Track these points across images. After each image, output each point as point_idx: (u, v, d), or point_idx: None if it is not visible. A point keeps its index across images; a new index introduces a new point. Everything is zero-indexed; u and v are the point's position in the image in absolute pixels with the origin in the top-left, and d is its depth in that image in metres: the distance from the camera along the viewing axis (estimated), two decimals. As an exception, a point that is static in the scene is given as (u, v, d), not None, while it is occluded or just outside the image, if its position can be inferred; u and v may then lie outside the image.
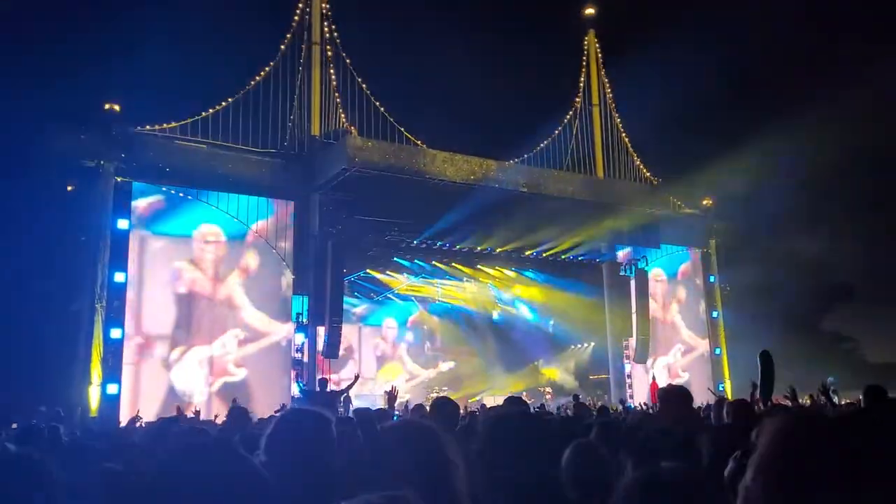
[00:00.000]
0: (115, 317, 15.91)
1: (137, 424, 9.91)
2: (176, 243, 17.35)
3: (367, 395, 20.28)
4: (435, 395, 20.44)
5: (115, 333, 15.85)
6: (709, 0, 22.61)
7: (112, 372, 15.61)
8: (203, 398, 16.56)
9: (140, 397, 15.85)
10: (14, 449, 1.93)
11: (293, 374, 17.66)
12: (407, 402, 16.72)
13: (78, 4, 17.75)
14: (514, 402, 6.01)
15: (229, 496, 1.54)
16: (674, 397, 5.73)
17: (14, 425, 7.97)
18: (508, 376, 25.11)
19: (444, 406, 4.83)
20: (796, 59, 21.80)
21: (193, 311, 17.23)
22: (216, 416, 11.95)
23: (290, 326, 18.06)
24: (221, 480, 1.55)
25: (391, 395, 9.54)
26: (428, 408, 5.92)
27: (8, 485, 1.72)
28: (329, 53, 19.72)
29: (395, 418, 6.51)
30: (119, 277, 16.10)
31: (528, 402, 10.75)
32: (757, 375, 7.54)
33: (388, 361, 24.89)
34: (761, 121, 20.07)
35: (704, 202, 25.36)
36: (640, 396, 21.44)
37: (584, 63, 24.97)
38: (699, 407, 9.57)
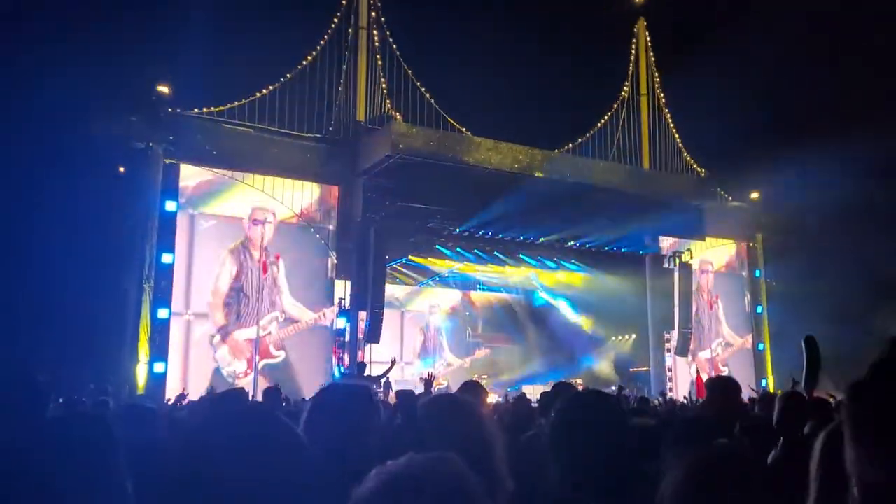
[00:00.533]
0: (163, 297, 16.25)
1: (185, 402, 10.09)
2: (226, 223, 17.58)
3: (406, 381, 20.39)
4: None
5: (163, 313, 16.19)
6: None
7: (159, 351, 15.95)
8: (248, 379, 16.82)
9: (188, 376, 16.19)
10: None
11: (334, 358, 17.83)
12: (446, 387, 16.78)
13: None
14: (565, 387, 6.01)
15: (269, 460, 1.54)
16: (722, 388, 5.63)
17: (60, 400, 8.16)
18: (547, 366, 24.99)
19: (471, 389, 4.85)
20: (857, 51, 21.12)
21: (240, 293, 17.49)
22: (252, 398, 12.11)
23: (333, 310, 18.22)
24: (261, 443, 1.55)
25: (427, 381, 9.62)
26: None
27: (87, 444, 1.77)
28: (376, 38, 19.74)
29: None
30: (167, 258, 16.43)
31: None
32: (799, 369, 7.35)
33: (429, 347, 24.97)
34: (814, 113, 19.53)
35: (752, 195, 24.84)
36: (681, 390, 21.17)
37: (634, 51, 24.60)
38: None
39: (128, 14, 17.38)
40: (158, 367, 15.79)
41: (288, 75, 18.45)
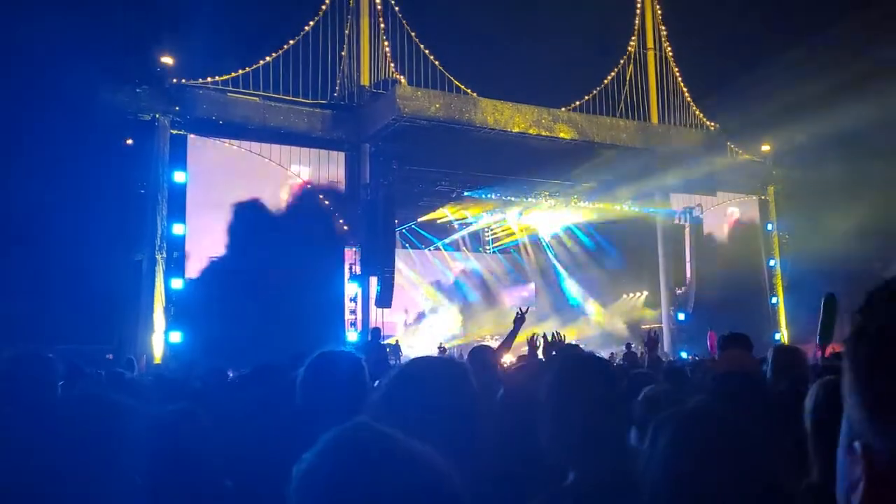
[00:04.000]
0: (176, 267, 16.39)
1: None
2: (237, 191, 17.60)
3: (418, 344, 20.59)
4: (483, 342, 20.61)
5: (176, 283, 16.34)
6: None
7: (174, 321, 16.14)
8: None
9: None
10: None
11: (347, 323, 17.99)
12: (458, 349, 16.93)
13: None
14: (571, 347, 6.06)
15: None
16: (733, 344, 5.67)
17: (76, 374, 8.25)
18: (557, 322, 25.13)
19: (479, 353, 4.90)
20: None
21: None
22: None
23: (345, 276, 18.31)
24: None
25: (442, 350, 9.76)
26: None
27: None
28: (378, 1, 19.49)
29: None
30: (178, 229, 16.54)
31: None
32: (814, 323, 7.35)
33: (439, 310, 25.13)
34: (827, 65, 19.17)
35: (763, 148, 24.57)
36: (693, 348, 21.24)
37: (640, 4, 24.16)
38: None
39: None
40: (174, 337, 15.98)
41: (291, 41, 18.30)
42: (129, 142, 17.18)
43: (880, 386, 0.69)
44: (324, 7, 19.00)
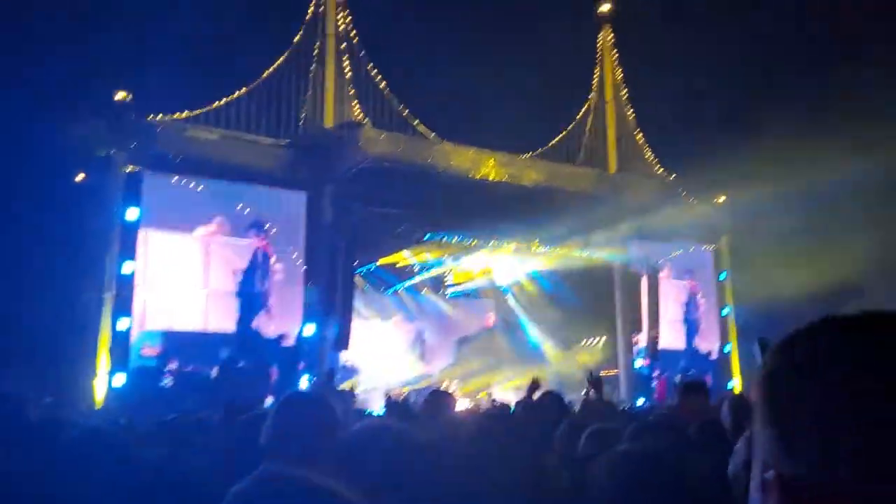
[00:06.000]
0: (123, 308, 15.81)
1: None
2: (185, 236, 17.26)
3: (372, 390, 20.22)
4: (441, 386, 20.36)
5: (123, 324, 15.72)
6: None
7: (118, 363, 15.52)
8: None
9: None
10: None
11: (301, 365, 17.59)
12: (407, 396, 16.64)
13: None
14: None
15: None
16: (692, 392, 5.64)
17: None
18: (516, 370, 25.00)
19: (434, 398, 4.95)
20: (819, 60, 21.51)
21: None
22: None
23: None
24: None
25: (389, 398, 9.71)
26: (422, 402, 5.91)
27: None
28: (344, 45, 19.60)
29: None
30: (127, 268, 16.02)
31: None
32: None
33: (398, 353, 24.80)
34: (779, 119, 19.81)
35: (718, 199, 25.12)
36: (650, 395, 21.32)
37: (599, 58, 24.77)
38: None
39: (89, 17, 17.06)
40: (117, 381, 15.32)
41: (255, 81, 18.22)
42: (81, 178, 16.75)
43: (788, 416, 0.78)
44: (290, 47, 19.03)
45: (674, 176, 24.13)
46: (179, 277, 16.93)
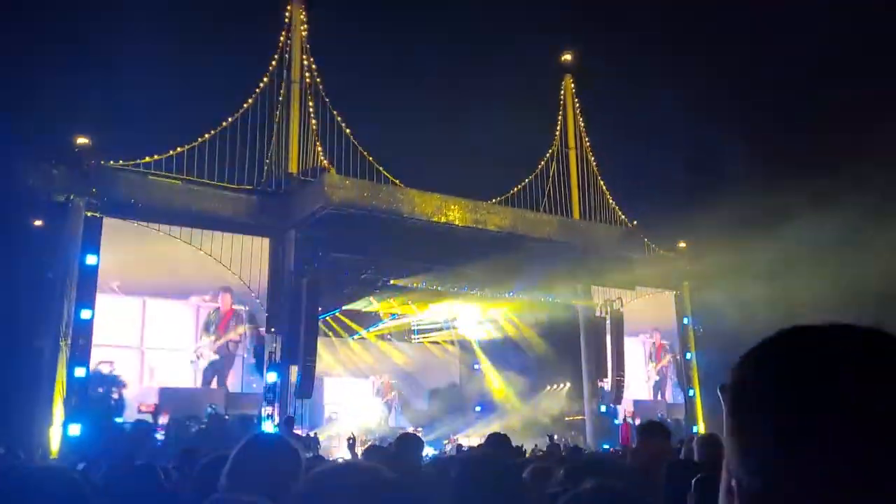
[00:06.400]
0: (81, 355, 15.45)
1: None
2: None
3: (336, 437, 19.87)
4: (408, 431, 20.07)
5: (80, 372, 15.34)
6: (687, 45, 23.14)
7: (75, 412, 15.09)
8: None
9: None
10: None
11: (265, 413, 17.25)
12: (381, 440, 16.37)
13: (52, 38, 17.65)
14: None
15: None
16: (652, 433, 5.64)
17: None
18: (482, 417, 24.82)
19: (406, 440, 5.00)
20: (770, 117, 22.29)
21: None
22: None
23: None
24: None
25: (351, 443, 9.57)
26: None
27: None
28: (308, 92, 19.75)
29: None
30: (86, 314, 15.68)
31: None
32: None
33: (364, 401, 24.49)
34: (739, 168, 20.39)
35: (679, 245, 25.55)
36: (615, 440, 21.24)
37: (561, 107, 25.30)
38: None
39: (51, 63, 17.01)
40: (73, 430, 14.87)
41: (219, 127, 18.21)
42: (39, 223, 16.45)
43: (745, 430, 0.82)
44: (255, 94, 19.11)
45: (636, 223, 24.53)
46: (175, 340, 17.31)
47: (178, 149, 17.50)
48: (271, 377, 17.52)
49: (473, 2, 23.41)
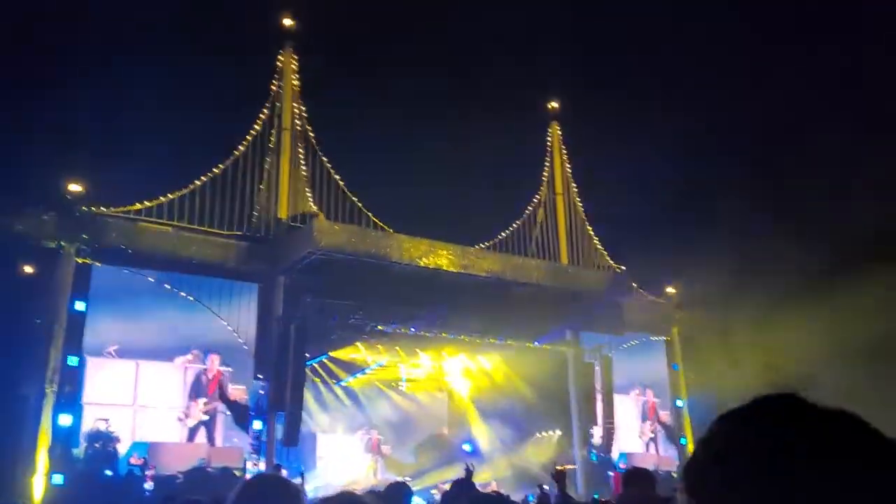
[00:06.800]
0: (67, 402, 15.32)
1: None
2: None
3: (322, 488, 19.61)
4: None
5: (65, 420, 15.20)
6: (670, 94, 23.63)
7: (60, 461, 14.88)
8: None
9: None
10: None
11: (249, 465, 17.05)
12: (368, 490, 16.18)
13: (43, 83, 17.86)
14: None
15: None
16: (637, 480, 5.64)
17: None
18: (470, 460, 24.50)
19: (395, 488, 5.03)
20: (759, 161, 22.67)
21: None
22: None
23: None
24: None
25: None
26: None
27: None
28: (299, 139, 20.00)
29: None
30: (73, 361, 15.62)
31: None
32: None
33: (351, 449, 24.18)
34: (727, 212, 20.61)
35: (668, 290, 25.65)
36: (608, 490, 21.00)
37: (549, 153, 25.65)
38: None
39: (41, 109, 17.15)
40: (57, 479, 14.65)
41: (210, 174, 18.37)
42: (28, 270, 16.41)
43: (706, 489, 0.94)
44: (246, 141, 19.32)
45: (624, 268, 24.68)
46: (164, 400, 17.46)
47: (170, 195, 17.63)
48: (257, 425, 17.38)
49: (462, 49, 23.87)
